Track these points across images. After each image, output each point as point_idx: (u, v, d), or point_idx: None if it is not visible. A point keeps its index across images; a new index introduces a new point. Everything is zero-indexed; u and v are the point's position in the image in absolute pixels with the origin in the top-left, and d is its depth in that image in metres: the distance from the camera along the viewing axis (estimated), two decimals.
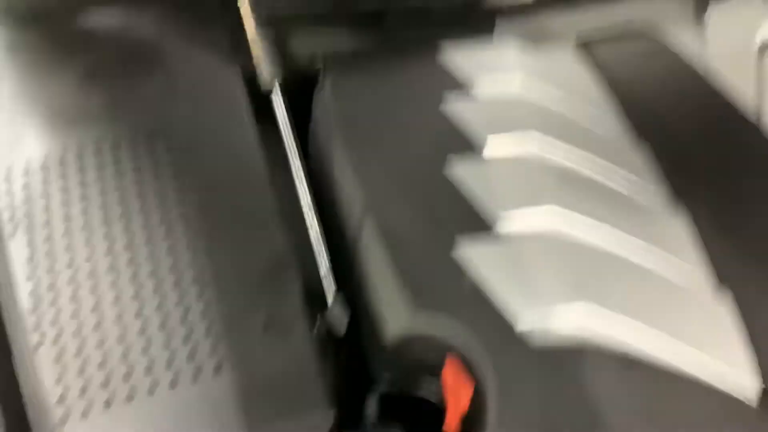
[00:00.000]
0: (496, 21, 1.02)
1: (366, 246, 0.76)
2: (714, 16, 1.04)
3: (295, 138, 0.76)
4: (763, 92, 0.95)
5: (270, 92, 0.79)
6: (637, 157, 0.83)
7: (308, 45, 1.10)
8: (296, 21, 1.10)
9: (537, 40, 1.00)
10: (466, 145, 0.82)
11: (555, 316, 0.65)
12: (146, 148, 0.80)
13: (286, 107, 0.76)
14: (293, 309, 0.69)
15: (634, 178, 0.80)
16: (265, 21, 0.77)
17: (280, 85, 0.78)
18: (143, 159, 0.79)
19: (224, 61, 0.90)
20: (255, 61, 0.78)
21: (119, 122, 0.82)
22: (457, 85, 0.90)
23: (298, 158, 0.76)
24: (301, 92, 0.97)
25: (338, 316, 0.74)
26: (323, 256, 0.74)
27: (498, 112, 0.86)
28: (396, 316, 0.69)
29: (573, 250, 0.72)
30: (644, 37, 1.02)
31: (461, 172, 0.79)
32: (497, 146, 0.82)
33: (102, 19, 0.93)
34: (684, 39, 1.02)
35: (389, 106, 0.89)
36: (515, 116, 0.86)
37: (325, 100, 0.93)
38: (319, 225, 0.75)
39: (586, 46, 1.00)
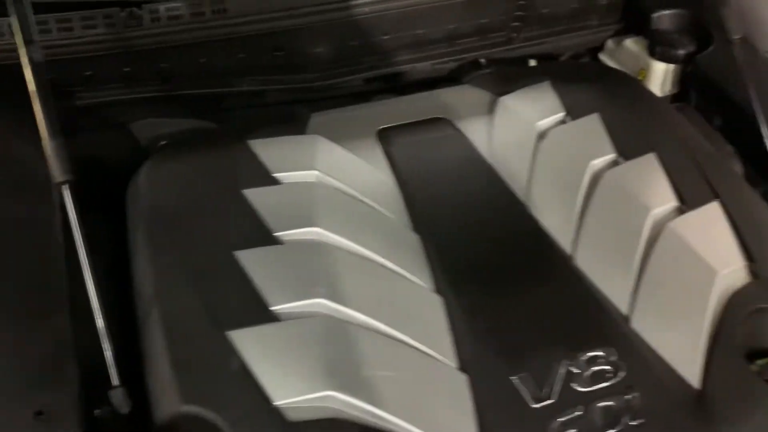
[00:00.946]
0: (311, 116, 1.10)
1: (149, 332, 0.81)
2: (502, 105, 1.16)
3: (80, 229, 0.80)
4: (533, 175, 1.07)
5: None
6: (410, 247, 0.93)
7: (150, 127, 1.15)
8: (137, 104, 1.15)
9: (343, 128, 1.09)
10: (260, 232, 0.90)
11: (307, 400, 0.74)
12: None
13: (73, 201, 0.80)
14: (68, 400, 0.73)
15: (403, 264, 0.90)
16: (52, 134, 0.81)
17: (69, 182, 0.81)
18: None
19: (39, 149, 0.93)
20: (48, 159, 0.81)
21: None
22: (262, 175, 0.97)
23: (83, 248, 0.80)
24: None
25: (121, 397, 0.78)
26: (107, 342, 0.78)
27: (294, 202, 0.95)
28: (167, 401, 0.75)
29: (336, 335, 0.81)
30: (440, 123, 1.13)
31: (249, 259, 0.86)
32: (286, 237, 0.90)
33: None
34: (476, 126, 1.15)
35: (196, 195, 0.95)
36: (308, 207, 0.94)
37: (137, 188, 0.98)
38: (101, 313, 0.78)
39: (386, 133, 1.10)
